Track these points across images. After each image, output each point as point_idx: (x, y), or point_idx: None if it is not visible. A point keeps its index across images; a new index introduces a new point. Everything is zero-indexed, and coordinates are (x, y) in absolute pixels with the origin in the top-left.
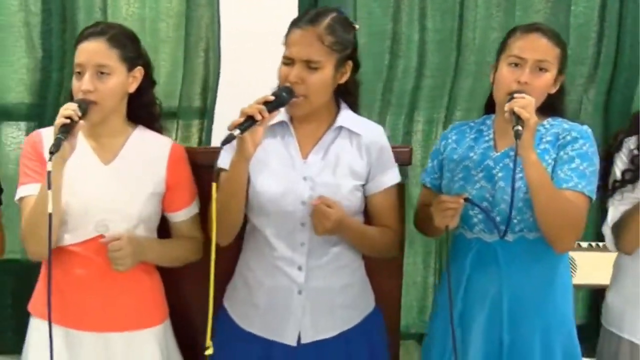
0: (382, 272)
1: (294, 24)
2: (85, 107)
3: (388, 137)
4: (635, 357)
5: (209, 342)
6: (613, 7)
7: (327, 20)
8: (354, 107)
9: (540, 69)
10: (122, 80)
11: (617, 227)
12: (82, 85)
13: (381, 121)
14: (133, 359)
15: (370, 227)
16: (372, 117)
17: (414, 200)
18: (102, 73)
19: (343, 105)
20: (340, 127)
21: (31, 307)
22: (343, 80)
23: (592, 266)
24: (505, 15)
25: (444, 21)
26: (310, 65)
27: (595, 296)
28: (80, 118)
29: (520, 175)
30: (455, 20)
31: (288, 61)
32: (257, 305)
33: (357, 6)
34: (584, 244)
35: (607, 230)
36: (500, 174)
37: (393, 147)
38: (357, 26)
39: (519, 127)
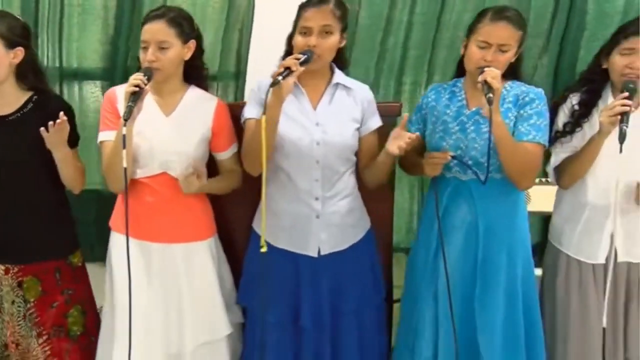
0: (378, 200)
1: (308, 4)
2: (149, 74)
3: (382, 95)
4: (569, 265)
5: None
6: None
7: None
8: (343, 69)
9: (502, 51)
10: (179, 52)
11: (558, 169)
12: (147, 56)
13: (376, 84)
14: (190, 264)
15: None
16: (369, 81)
17: None
18: (162, 48)
19: (335, 68)
20: (337, 84)
21: (112, 223)
22: (342, 45)
23: (542, 197)
24: None
25: (430, 6)
26: (326, 30)
27: (544, 220)
28: (145, 84)
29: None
30: (438, 4)
31: (305, 30)
32: (283, 227)
33: None
34: (536, 180)
35: (550, 170)
36: (472, 127)
37: (386, 103)
38: (348, 6)
39: (490, 95)
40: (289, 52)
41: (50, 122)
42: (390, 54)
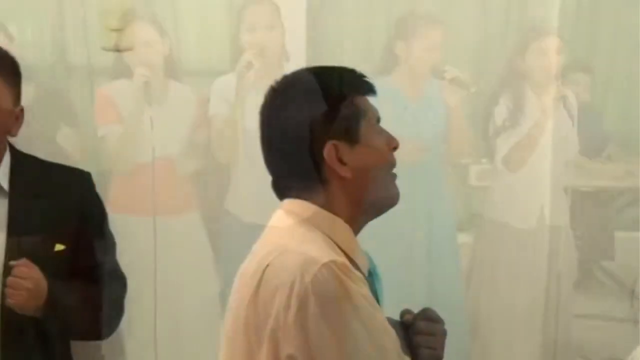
0: None
1: (247, 5)
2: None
3: None
4: (509, 234)
5: None
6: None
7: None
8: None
9: None
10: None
11: (507, 157)
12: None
13: None
14: (182, 232)
15: None
16: None
17: None
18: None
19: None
20: None
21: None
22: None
23: None
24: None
25: None
26: (271, 25)
27: None
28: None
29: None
30: None
31: (251, 27)
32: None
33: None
34: None
35: (499, 160)
36: (422, 116)
37: None
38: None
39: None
40: (235, 53)
41: None
42: None
